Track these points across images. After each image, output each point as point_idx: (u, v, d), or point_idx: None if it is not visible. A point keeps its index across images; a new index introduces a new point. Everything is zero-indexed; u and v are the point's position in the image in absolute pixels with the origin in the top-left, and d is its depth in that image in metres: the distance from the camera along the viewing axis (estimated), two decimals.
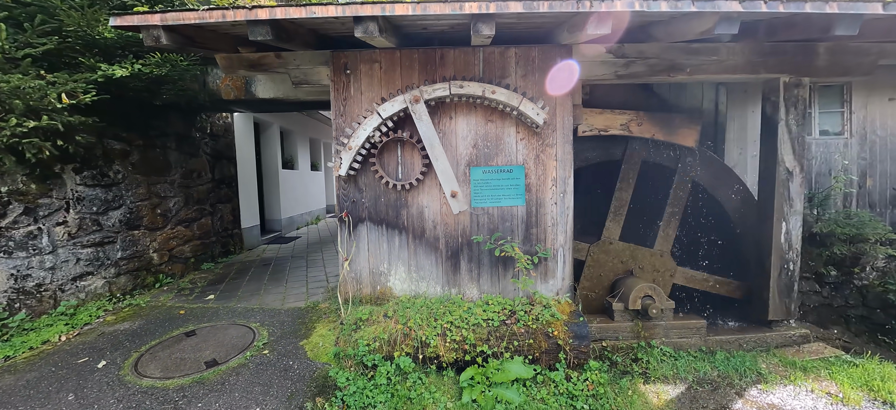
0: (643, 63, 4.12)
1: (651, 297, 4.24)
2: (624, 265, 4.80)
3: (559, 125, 4.03)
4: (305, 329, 3.98)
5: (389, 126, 3.82)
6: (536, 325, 3.54)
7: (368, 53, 4.02)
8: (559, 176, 4.07)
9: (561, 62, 3.94)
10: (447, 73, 3.97)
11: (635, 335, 4.30)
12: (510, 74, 4.00)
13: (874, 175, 6.65)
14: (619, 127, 4.60)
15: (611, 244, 4.78)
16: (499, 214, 4.12)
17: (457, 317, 3.62)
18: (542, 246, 4.02)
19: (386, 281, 4.20)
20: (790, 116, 4.27)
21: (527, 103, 3.69)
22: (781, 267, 4.39)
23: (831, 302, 6.62)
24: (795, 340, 4.41)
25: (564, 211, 4.10)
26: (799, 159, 4.31)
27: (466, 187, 4.09)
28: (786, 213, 4.34)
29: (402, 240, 4.15)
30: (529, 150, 4.05)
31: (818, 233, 6.32)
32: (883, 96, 6.61)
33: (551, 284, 4.17)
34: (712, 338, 4.33)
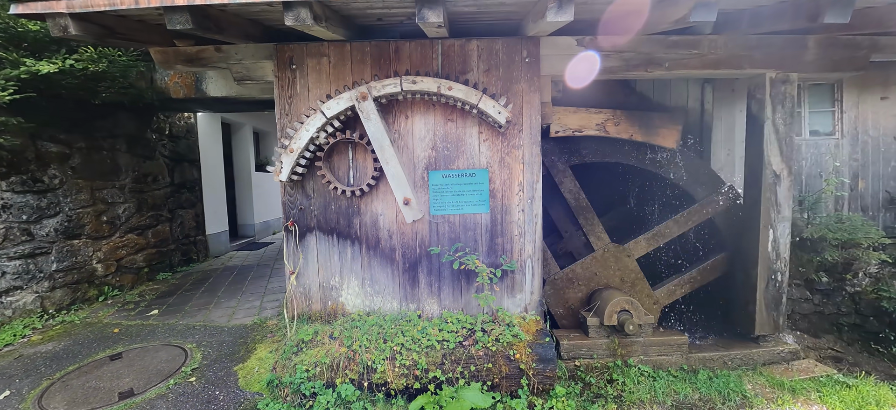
0: (617, 57, 3.78)
1: (628, 311, 3.89)
2: (620, 282, 4.45)
3: (526, 125, 3.68)
4: (245, 351, 3.60)
5: (336, 126, 3.45)
6: (496, 347, 3.18)
7: (316, 46, 3.66)
8: (526, 180, 3.72)
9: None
10: (402, 67, 3.61)
11: (611, 352, 3.95)
12: (472, 68, 3.65)
13: (866, 177, 6.36)
14: (595, 127, 4.26)
15: (628, 256, 4.42)
16: (461, 222, 3.76)
17: (409, 338, 3.26)
18: (507, 258, 3.67)
19: (337, 296, 3.82)
20: (777, 114, 3.95)
21: (487, 101, 3.34)
22: (769, 278, 4.06)
23: (823, 310, 6.33)
24: (784, 357, 4.08)
25: (533, 219, 3.75)
26: (787, 160, 3.99)
27: (425, 193, 3.73)
28: (773, 219, 4.01)
29: (355, 251, 3.78)
30: (494, 152, 3.70)
31: (809, 238, 6.02)
32: (875, 95, 6.33)
33: (519, 298, 3.81)
34: (695, 355, 4.00)
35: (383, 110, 3.63)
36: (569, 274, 4.40)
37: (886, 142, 6.33)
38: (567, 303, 4.44)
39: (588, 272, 4.42)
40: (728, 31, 3.81)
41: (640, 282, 4.41)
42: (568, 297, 4.43)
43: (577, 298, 4.44)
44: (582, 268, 4.41)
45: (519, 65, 3.64)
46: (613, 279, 4.41)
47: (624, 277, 4.42)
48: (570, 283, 4.42)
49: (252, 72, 3.81)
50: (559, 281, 4.40)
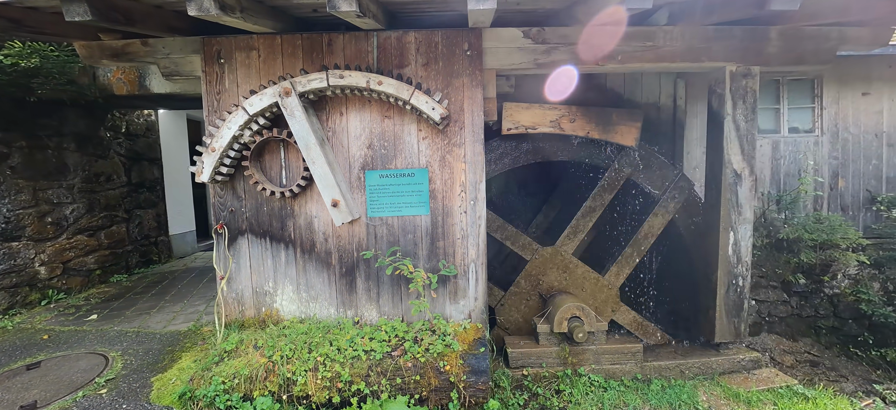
0: (567, 49, 3.56)
1: (579, 318, 3.70)
2: (563, 282, 4.26)
3: (468, 122, 3.48)
4: (169, 360, 3.42)
5: (262, 124, 3.25)
6: (426, 358, 2.99)
7: (245, 39, 3.45)
8: (469, 180, 3.52)
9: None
10: (335, 61, 3.40)
11: (562, 361, 3.76)
12: (409, 62, 3.44)
13: (846, 176, 6.14)
14: (549, 124, 4.05)
15: (560, 255, 4.22)
16: (400, 225, 3.56)
17: (335, 348, 3.07)
18: (445, 263, 3.47)
19: (272, 302, 3.64)
20: (738, 110, 3.73)
21: (420, 96, 3.13)
22: (729, 283, 3.86)
23: (800, 312, 6.12)
24: (745, 365, 3.88)
25: (476, 221, 3.55)
26: (748, 159, 3.78)
27: (361, 194, 3.53)
28: (733, 221, 3.81)
29: (289, 255, 3.59)
30: (434, 150, 3.50)
31: (785, 238, 5.81)
32: (855, 91, 6.10)
33: (462, 305, 3.62)
34: (650, 364, 3.80)
35: (315, 107, 3.43)
36: (520, 280, 4.23)
37: (867, 139, 6.11)
38: (522, 309, 4.26)
39: (532, 282, 4.25)
40: (684, 21, 3.59)
41: (587, 274, 4.22)
42: (523, 303, 4.25)
43: (532, 303, 4.25)
44: (525, 278, 4.24)
45: (460, 58, 3.43)
46: (560, 279, 4.23)
47: (569, 276, 4.24)
48: (522, 289, 4.23)
49: (181, 67, 3.61)
50: (515, 287, 4.22)
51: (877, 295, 5.94)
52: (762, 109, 6.14)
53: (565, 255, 4.20)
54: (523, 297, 4.25)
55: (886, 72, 6.03)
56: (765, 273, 6.08)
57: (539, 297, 4.26)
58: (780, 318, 6.11)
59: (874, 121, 6.07)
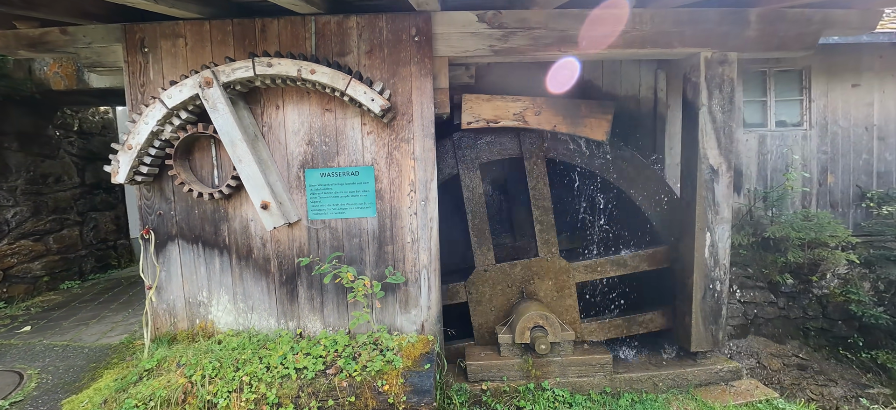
0: (526, 35, 3.26)
1: (542, 328, 3.41)
2: (517, 285, 3.96)
3: (417, 115, 3.18)
4: (89, 378, 3.12)
5: (185, 118, 2.94)
6: (362, 377, 2.69)
7: (171, 26, 3.14)
8: (419, 179, 3.21)
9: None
10: (269, 49, 3.09)
11: (525, 374, 3.48)
12: (351, 49, 3.13)
13: (836, 171, 5.86)
14: (513, 117, 3.75)
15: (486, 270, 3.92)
16: (344, 228, 3.26)
17: (264, 366, 2.78)
18: (392, 269, 3.17)
19: (206, 313, 3.33)
20: (714, 100, 3.44)
21: (357, 86, 2.83)
22: (706, 288, 3.58)
23: (788, 314, 5.85)
24: (723, 376, 3.60)
25: (427, 223, 3.25)
26: (726, 153, 3.49)
27: (301, 195, 3.22)
28: (710, 221, 3.52)
29: (224, 262, 3.28)
30: (380, 146, 3.19)
31: (771, 237, 5.54)
32: (845, 82, 5.81)
33: (414, 315, 3.33)
34: (621, 376, 3.51)
35: (247, 99, 3.12)
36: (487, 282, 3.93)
37: (857, 133, 5.83)
38: (488, 316, 3.96)
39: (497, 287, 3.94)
40: (654, 4, 3.30)
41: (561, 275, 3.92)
42: (489, 310, 3.95)
43: (498, 310, 3.95)
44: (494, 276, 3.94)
45: (407, 45, 3.12)
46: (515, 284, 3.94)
47: (518, 278, 3.94)
48: (487, 294, 3.94)
49: (103, 57, 3.29)
50: (476, 294, 3.92)
51: (867, 295, 5.68)
52: (748, 101, 5.87)
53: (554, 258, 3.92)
54: (490, 305, 3.96)
55: (877, 62, 5.75)
56: (751, 274, 5.81)
57: (506, 303, 3.96)
58: (768, 320, 5.84)
59: (864, 114, 5.79)
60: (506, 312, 3.88)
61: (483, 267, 3.86)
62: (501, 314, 3.90)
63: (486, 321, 3.93)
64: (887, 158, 5.82)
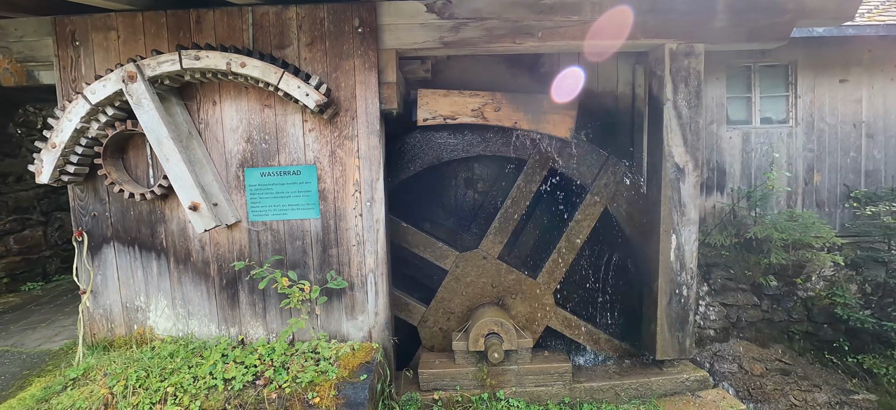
0: (478, 26, 3.09)
1: (497, 335, 3.25)
2: (494, 290, 3.79)
3: (361, 111, 3.01)
4: (17, 387, 2.97)
5: (112, 115, 2.78)
6: (292, 388, 2.54)
7: (103, 18, 2.97)
8: (364, 178, 3.05)
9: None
10: (205, 41, 2.93)
11: (480, 383, 3.32)
12: (291, 41, 2.96)
13: (822, 169, 5.66)
14: (471, 113, 3.58)
15: (484, 259, 3.72)
16: (286, 230, 3.10)
17: (191, 376, 2.63)
18: (334, 274, 3.01)
19: (145, 319, 3.19)
20: (679, 94, 3.26)
21: (290, 80, 2.66)
22: (672, 293, 3.40)
23: (772, 317, 5.66)
24: (689, 386, 3.43)
25: (373, 225, 3.09)
26: (693, 151, 3.31)
27: (241, 195, 3.07)
28: (675, 223, 3.34)
29: (162, 266, 3.13)
30: (322, 144, 3.03)
31: (754, 237, 5.35)
32: (833, 77, 5.60)
33: (361, 321, 3.17)
34: (581, 385, 3.35)
35: (182, 95, 2.96)
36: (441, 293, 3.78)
37: (845, 130, 5.62)
38: (447, 322, 3.80)
39: (452, 294, 3.79)
40: None
41: (519, 278, 3.76)
42: (448, 316, 3.79)
43: (456, 316, 3.79)
44: (447, 291, 3.78)
45: (350, 37, 2.95)
46: (487, 288, 3.78)
47: (495, 282, 3.78)
48: (444, 302, 3.79)
49: (36, 51, 3.13)
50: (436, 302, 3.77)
51: (853, 298, 5.49)
52: (733, 97, 5.68)
53: (490, 259, 3.75)
54: (447, 312, 3.80)
55: (866, 57, 5.53)
56: (733, 275, 5.62)
57: (467, 309, 3.81)
58: (751, 323, 5.65)
59: (852, 110, 5.58)
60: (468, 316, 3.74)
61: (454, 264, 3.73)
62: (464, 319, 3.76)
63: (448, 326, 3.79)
64: (876, 156, 5.61)
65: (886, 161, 5.60)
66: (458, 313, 3.76)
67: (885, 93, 5.55)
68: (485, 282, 3.74)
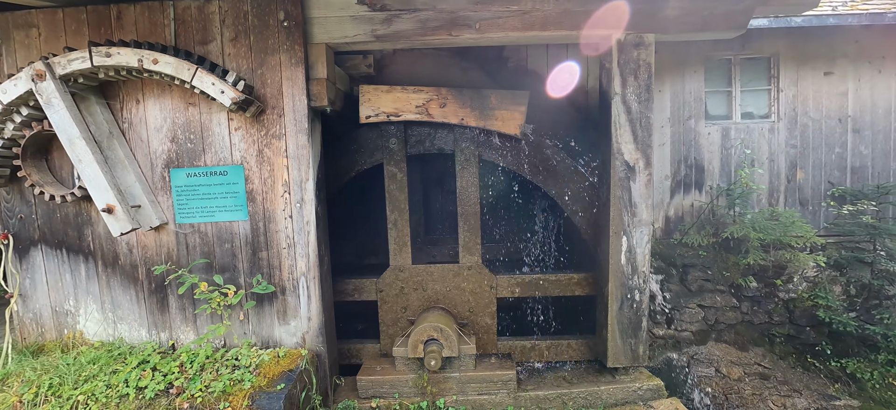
0: (412, 18, 2.94)
1: (437, 341, 3.12)
2: (426, 294, 3.65)
3: (288, 108, 2.89)
4: None
5: (27, 115, 2.68)
6: (204, 397, 2.44)
7: (24, 15, 2.88)
8: (293, 179, 2.93)
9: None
10: (126, 37, 2.83)
11: (420, 390, 3.19)
12: (214, 37, 2.85)
13: (806, 166, 5.42)
14: (415, 110, 3.44)
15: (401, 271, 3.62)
16: (214, 232, 3.00)
17: (103, 384, 2.54)
18: (260, 278, 2.90)
19: (75, 323, 3.11)
20: (628, 88, 3.09)
21: (203, 76, 2.55)
22: (623, 297, 3.23)
23: (751, 319, 5.45)
24: (642, 395, 3.26)
25: (304, 227, 2.97)
26: (644, 149, 3.14)
27: (167, 197, 2.97)
28: (626, 224, 3.18)
29: (91, 269, 3.05)
30: (249, 143, 2.92)
31: (731, 237, 5.15)
32: (817, 70, 5.35)
33: (294, 326, 3.06)
34: (527, 394, 3.20)
35: (105, 93, 2.87)
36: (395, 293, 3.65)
37: (830, 125, 5.37)
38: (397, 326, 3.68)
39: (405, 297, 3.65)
40: None
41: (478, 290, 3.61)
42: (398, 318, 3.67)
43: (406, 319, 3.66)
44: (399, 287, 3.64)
45: (275, 31, 2.83)
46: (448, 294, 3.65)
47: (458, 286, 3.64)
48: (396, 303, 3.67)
49: None
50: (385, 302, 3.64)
51: (838, 300, 5.26)
52: (712, 92, 5.47)
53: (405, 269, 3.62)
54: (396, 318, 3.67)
55: (852, 48, 5.28)
56: (711, 276, 5.41)
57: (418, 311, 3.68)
58: (730, 325, 5.44)
59: (838, 104, 5.33)
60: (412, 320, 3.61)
61: (399, 266, 3.60)
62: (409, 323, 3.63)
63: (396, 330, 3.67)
64: (862, 152, 5.36)
65: (874, 157, 5.35)
66: (412, 313, 3.63)
67: (872, 86, 5.30)
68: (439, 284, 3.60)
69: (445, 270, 3.60)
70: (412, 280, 3.60)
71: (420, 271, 3.60)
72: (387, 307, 3.62)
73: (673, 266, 5.54)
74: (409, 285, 3.61)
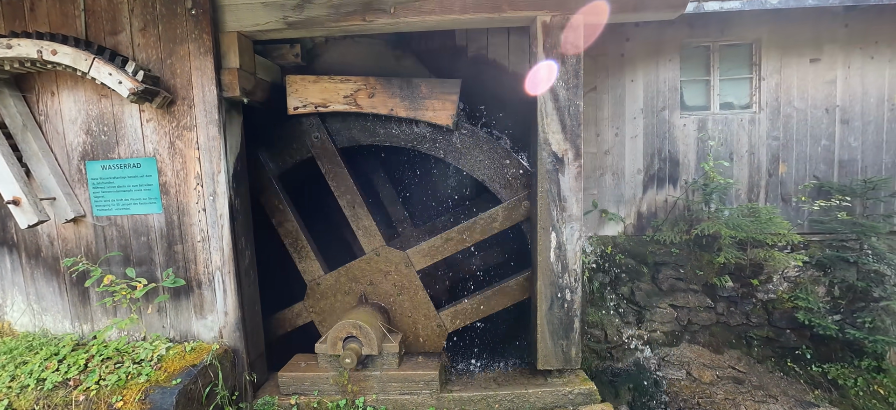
0: (324, 3, 2.82)
1: (356, 338, 3.03)
2: (371, 288, 3.56)
3: (198, 99, 2.83)
4: None
5: None
6: (98, 391, 2.43)
7: None
8: (205, 171, 2.88)
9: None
10: (40, 29, 2.82)
11: (341, 389, 3.12)
12: (124, 27, 2.81)
13: (789, 159, 5.07)
14: (343, 100, 3.33)
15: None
16: (130, 225, 2.98)
17: (8, 375, 2.56)
18: (170, 272, 2.86)
19: (2, 315, 3.16)
20: (555, 75, 2.91)
21: (101, 67, 2.51)
22: (553, 297, 3.07)
23: (728, 320, 5.16)
24: (572, 399, 3.10)
25: (217, 220, 2.92)
26: (573, 139, 2.95)
27: (84, 189, 2.96)
28: (555, 219, 3.00)
29: (15, 261, 3.08)
30: (161, 135, 2.87)
31: (703, 234, 4.88)
32: (802, 57, 4.97)
33: (210, 320, 3.02)
34: (450, 395, 3.08)
35: (19, 85, 2.88)
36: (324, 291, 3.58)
37: (816, 116, 5.00)
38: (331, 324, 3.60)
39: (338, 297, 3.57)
40: None
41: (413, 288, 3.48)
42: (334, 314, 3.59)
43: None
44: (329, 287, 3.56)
45: (183, 19, 2.77)
46: (386, 290, 3.55)
47: (397, 283, 3.53)
48: (329, 308, 3.59)
49: None
50: (318, 311, 3.60)
51: (820, 302, 4.94)
52: (689, 81, 5.16)
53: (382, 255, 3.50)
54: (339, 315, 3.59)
55: (841, 33, 4.88)
56: (683, 275, 5.16)
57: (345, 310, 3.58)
58: (704, 327, 5.17)
59: (825, 93, 4.95)
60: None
61: (315, 279, 3.52)
62: None
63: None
64: (852, 144, 4.98)
65: (863, 150, 4.97)
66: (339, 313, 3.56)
67: (863, 73, 4.90)
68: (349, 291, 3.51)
69: (362, 263, 3.50)
70: (342, 280, 3.50)
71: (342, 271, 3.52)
72: (321, 307, 3.55)
73: (644, 264, 5.30)
74: (341, 284, 3.52)
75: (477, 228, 3.39)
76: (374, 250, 3.46)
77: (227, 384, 2.90)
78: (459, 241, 3.42)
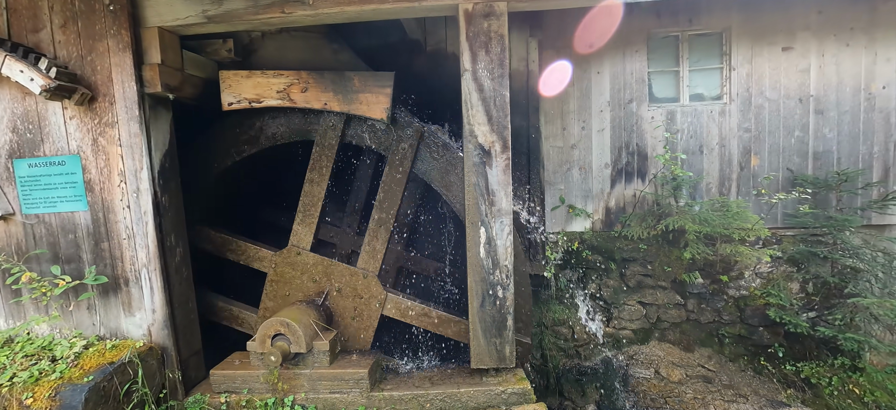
0: None
1: (284, 336, 2.99)
2: (317, 285, 3.53)
3: (119, 96, 2.81)
4: None
5: None
6: (10, 388, 2.43)
7: None
8: (128, 168, 2.86)
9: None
10: None
11: (271, 387, 3.08)
12: (44, 24, 2.81)
13: (761, 152, 4.88)
14: (276, 95, 3.29)
15: (299, 255, 3.51)
16: (58, 223, 2.98)
17: None
18: (92, 269, 2.85)
19: None
20: (479, 64, 2.81)
21: (12, 63, 2.51)
22: (484, 294, 2.98)
23: (698, 318, 5.01)
24: (505, 399, 3.01)
25: (142, 217, 2.90)
26: (500, 130, 2.86)
27: (13, 188, 2.98)
28: (484, 213, 2.91)
29: None
30: (84, 133, 2.87)
31: (670, 229, 4.74)
32: (774, 46, 4.77)
33: (139, 318, 3.01)
34: (380, 394, 3.01)
35: None
36: (265, 301, 3.55)
37: (789, 106, 4.81)
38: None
39: (280, 298, 3.52)
40: None
41: (339, 269, 3.45)
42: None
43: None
44: (271, 297, 3.52)
45: (101, 15, 2.75)
46: (313, 285, 3.51)
47: (318, 278, 3.48)
48: (270, 310, 3.53)
49: None
50: (262, 311, 3.58)
51: (794, 298, 4.76)
52: (657, 72, 5.01)
53: (304, 253, 3.48)
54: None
55: (815, 19, 4.68)
56: (651, 271, 5.02)
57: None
58: (674, 324, 5.03)
59: (798, 82, 4.76)
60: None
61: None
62: None
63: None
64: (826, 135, 4.78)
65: (839, 141, 4.76)
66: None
67: (837, 61, 4.69)
68: (307, 279, 3.48)
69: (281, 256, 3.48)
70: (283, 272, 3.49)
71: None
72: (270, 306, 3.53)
73: (612, 260, 5.17)
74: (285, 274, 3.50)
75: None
76: (364, 270, 3.48)
77: (154, 382, 2.89)
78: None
